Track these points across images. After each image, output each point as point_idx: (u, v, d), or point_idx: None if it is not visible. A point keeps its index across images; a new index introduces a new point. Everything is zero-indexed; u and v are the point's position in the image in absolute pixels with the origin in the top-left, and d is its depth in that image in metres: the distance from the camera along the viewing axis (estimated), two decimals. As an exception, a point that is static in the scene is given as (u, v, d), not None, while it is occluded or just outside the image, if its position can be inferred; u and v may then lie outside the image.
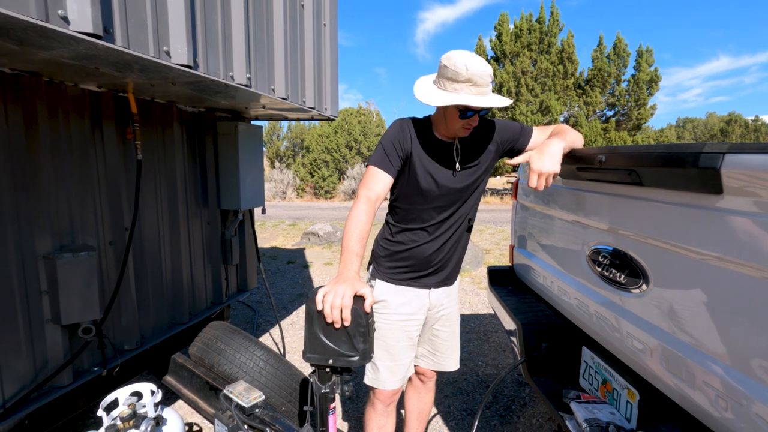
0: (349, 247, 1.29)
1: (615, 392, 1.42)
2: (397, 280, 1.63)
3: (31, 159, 1.59)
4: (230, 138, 2.66)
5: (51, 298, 1.67)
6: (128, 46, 1.23)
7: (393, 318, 1.63)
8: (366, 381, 1.69)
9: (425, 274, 1.64)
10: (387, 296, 1.63)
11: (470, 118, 1.44)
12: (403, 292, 1.64)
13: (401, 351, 1.65)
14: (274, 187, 17.20)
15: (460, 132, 1.50)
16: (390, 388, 1.66)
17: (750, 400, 0.93)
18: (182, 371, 2.38)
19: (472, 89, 1.36)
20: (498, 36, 17.21)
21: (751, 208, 0.92)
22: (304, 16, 2.42)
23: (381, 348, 1.63)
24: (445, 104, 1.38)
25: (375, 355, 1.62)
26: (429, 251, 1.60)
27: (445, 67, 1.38)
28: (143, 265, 2.16)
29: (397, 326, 1.63)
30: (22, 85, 1.54)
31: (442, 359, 1.79)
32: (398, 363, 1.65)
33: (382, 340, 1.63)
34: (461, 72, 1.34)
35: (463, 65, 1.34)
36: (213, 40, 1.62)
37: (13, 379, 1.58)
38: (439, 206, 1.56)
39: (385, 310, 1.63)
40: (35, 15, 0.98)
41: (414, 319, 1.66)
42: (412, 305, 1.65)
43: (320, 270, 5.91)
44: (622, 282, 1.34)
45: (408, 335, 1.65)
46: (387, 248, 1.65)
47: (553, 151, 1.38)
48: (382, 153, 1.49)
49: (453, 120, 1.46)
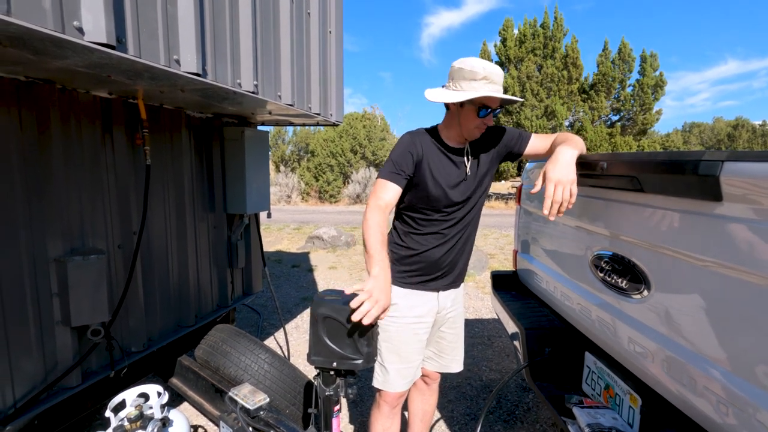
0: (376, 252, 1.37)
1: (617, 397, 1.43)
2: (407, 283, 1.66)
3: (43, 164, 1.63)
4: (237, 143, 2.69)
5: (61, 301, 1.70)
6: (140, 55, 1.27)
7: (402, 321, 1.65)
8: (374, 384, 1.71)
9: (434, 277, 1.67)
10: (397, 300, 1.65)
11: (486, 116, 1.49)
12: (412, 295, 1.66)
13: (410, 354, 1.67)
14: (279, 191, 17.27)
15: (474, 132, 1.54)
16: (398, 391, 1.68)
17: (751, 406, 0.93)
18: (188, 373, 2.41)
19: (490, 86, 1.43)
20: (503, 41, 17.26)
21: (751, 215, 0.93)
22: (310, 24, 2.46)
23: (390, 351, 1.65)
24: (468, 98, 1.43)
25: (384, 358, 1.65)
26: (438, 255, 1.63)
27: (460, 69, 1.45)
28: (151, 269, 2.20)
29: (406, 329, 1.66)
30: (36, 92, 1.58)
31: (447, 361, 1.82)
32: (407, 366, 1.67)
33: (391, 343, 1.65)
34: (479, 71, 1.42)
35: (480, 65, 1.43)
36: (221, 48, 1.66)
37: (24, 379, 1.61)
38: (448, 211, 1.59)
39: (395, 313, 1.65)
40: (52, 26, 1.01)
41: (423, 322, 1.68)
42: (422, 308, 1.67)
43: (325, 274, 5.93)
44: (624, 287, 1.35)
45: (417, 338, 1.68)
46: (396, 253, 1.67)
47: (566, 160, 1.34)
48: (391, 166, 1.52)
49: (469, 120, 1.50)
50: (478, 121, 1.49)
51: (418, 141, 1.55)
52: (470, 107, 1.48)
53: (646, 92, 16.38)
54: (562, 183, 1.30)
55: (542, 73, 16.36)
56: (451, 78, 1.49)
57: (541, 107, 16.14)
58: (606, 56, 16.68)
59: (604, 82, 16.57)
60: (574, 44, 16.36)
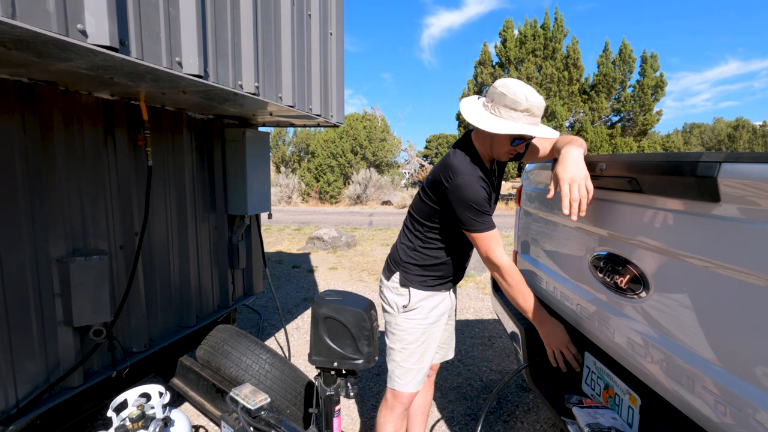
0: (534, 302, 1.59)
1: (617, 397, 1.43)
2: (428, 286, 1.70)
3: (46, 165, 1.64)
4: (238, 144, 2.71)
5: (63, 301, 1.71)
6: (142, 57, 1.28)
7: (426, 322, 1.70)
8: (393, 386, 1.71)
9: (450, 279, 1.75)
10: (421, 303, 1.70)
11: (519, 145, 1.48)
12: (433, 296, 1.72)
13: (430, 353, 1.73)
14: (279, 191, 17.29)
15: (504, 157, 1.55)
16: (415, 391, 1.72)
17: (749, 406, 0.94)
18: (189, 374, 2.42)
19: (529, 119, 1.40)
20: (503, 42, 17.26)
21: (748, 216, 0.94)
22: (311, 26, 2.47)
23: (415, 353, 1.68)
24: (506, 132, 1.40)
25: (406, 359, 1.68)
26: (457, 262, 1.72)
27: (503, 94, 1.41)
28: (152, 269, 2.21)
29: (431, 329, 1.71)
30: (39, 94, 1.60)
31: (445, 350, 1.93)
32: (427, 365, 1.73)
33: (417, 345, 1.68)
34: (521, 102, 1.38)
35: (523, 95, 1.38)
36: (223, 50, 1.67)
37: (27, 379, 1.62)
38: None
39: (418, 315, 1.69)
40: (56, 29, 1.02)
41: (442, 320, 1.76)
42: (441, 307, 1.74)
43: (325, 274, 5.94)
44: (623, 288, 1.36)
45: (437, 337, 1.75)
46: (418, 261, 1.69)
47: (574, 158, 1.35)
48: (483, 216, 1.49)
49: (502, 146, 1.49)
50: (510, 148, 1.49)
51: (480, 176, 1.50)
52: (506, 136, 1.46)
53: (647, 93, 16.37)
54: (576, 180, 1.30)
55: (542, 74, 16.36)
56: (491, 99, 1.45)
57: (541, 108, 16.14)
58: (606, 57, 16.68)
59: (605, 83, 16.57)
60: (575, 45, 16.36)
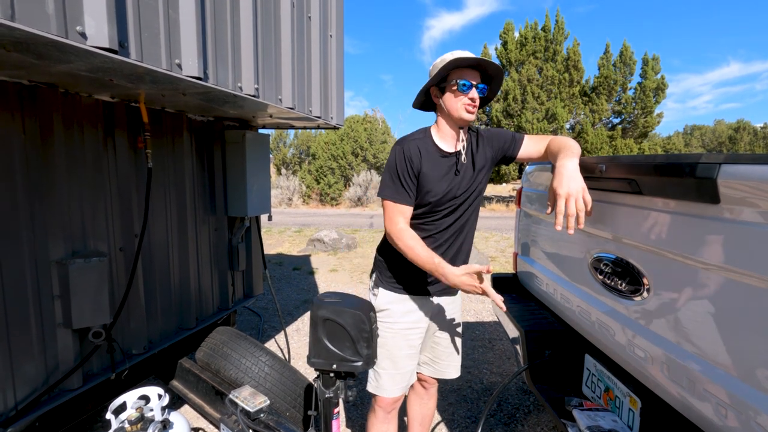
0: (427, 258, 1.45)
1: (617, 400, 1.43)
2: (400, 289, 1.65)
3: (46, 167, 1.64)
4: (238, 146, 2.71)
5: (63, 303, 1.71)
6: (142, 59, 1.28)
7: (396, 327, 1.65)
8: (368, 388, 1.71)
9: (425, 282, 1.65)
10: (390, 305, 1.65)
11: (469, 91, 1.48)
12: (405, 301, 1.65)
13: (403, 359, 1.66)
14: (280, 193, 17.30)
15: (465, 113, 1.50)
16: (391, 396, 1.67)
17: (750, 409, 0.93)
18: (189, 376, 2.41)
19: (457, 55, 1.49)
20: (503, 44, 17.29)
21: (748, 217, 0.93)
22: (311, 28, 2.48)
23: (383, 356, 1.65)
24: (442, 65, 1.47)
25: (377, 363, 1.64)
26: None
27: (432, 66, 1.55)
28: (152, 271, 2.20)
29: (399, 335, 1.65)
30: (39, 96, 1.60)
31: (442, 367, 1.81)
32: (400, 371, 1.67)
33: (384, 349, 1.64)
34: (447, 57, 1.49)
35: (448, 54, 1.50)
36: (223, 52, 1.67)
37: (25, 381, 1.62)
38: (443, 215, 1.58)
39: (388, 319, 1.65)
40: (55, 31, 1.03)
41: (416, 327, 1.67)
42: (415, 314, 1.66)
43: (325, 276, 5.94)
44: (623, 290, 1.35)
45: (409, 344, 1.67)
46: (387, 257, 1.66)
47: (569, 171, 1.31)
48: (394, 186, 1.52)
49: (454, 101, 1.50)
50: (462, 97, 1.48)
51: (411, 151, 1.51)
52: (451, 89, 1.49)
53: (648, 95, 16.37)
54: (573, 195, 1.27)
55: (543, 76, 16.38)
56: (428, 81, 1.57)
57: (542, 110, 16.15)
58: (607, 59, 16.69)
59: (606, 85, 16.57)
60: (576, 47, 16.37)
